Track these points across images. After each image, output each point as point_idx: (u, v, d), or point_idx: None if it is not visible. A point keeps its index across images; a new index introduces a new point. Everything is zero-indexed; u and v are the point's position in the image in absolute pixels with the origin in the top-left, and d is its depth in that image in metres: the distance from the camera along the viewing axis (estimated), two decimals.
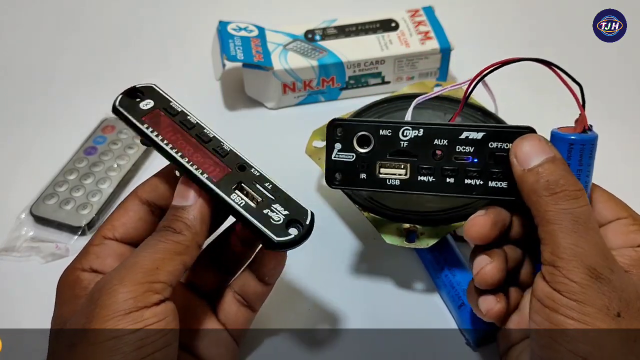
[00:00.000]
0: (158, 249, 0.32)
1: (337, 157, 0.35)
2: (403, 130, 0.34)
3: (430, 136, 0.34)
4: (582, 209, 0.31)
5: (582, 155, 0.34)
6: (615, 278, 0.30)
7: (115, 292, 0.29)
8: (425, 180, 0.34)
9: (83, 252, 0.35)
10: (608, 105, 0.60)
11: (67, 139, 0.56)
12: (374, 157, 0.35)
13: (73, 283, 0.33)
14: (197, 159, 0.34)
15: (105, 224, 0.36)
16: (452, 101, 0.51)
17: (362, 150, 0.35)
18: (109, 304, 0.29)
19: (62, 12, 0.74)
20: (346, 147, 0.35)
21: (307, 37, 0.60)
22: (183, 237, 0.32)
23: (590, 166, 0.34)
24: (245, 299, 0.37)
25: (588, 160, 0.34)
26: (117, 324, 0.29)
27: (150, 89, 0.37)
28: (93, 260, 0.34)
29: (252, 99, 0.60)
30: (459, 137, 0.33)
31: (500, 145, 0.33)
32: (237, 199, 0.33)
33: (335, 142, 0.35)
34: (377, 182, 0.35)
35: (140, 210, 0.36)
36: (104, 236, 0.35)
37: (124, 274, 0.30)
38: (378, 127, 0.34)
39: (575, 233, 0.30)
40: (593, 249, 0.30)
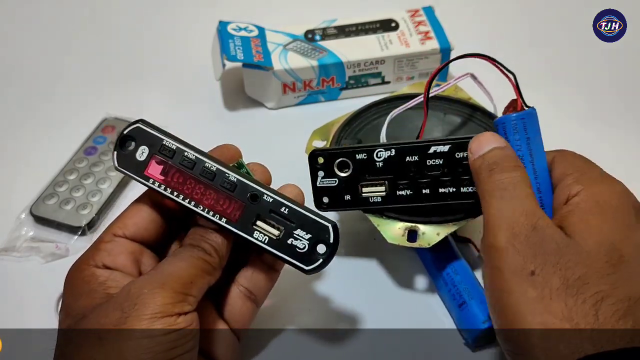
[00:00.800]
0: (193, 264, 0.33)
1: (322, 183, 0.38)
2: (377, 152, 0.36)
3: (401, 154, 0.36)
4: (511, 177, 0.33)
5: (517, 131, 0.37)
6: (534, 234, 0.31)
7: (157, 294, 0.31)
8: (404, 194, 0.37)
9: (93, 248, 0.35)
10: (608, 105, 0.60)
11: (67, 139, 0.56)
12: (355, 179, 0.37)
13: (88, 277, 0.34)
14: (210, 203, 0.34)
15: (117, 222, 0.36)
16: (451, 101, 0.51)
17: (343, 175, 0.37)
18: (148, 304, 0.30)
19: (63, 13, 0.74)
20: (328, 173, 0.38)
21: (307, 37, 0.60)
22: (212, 259, 0.34)
23: (531, 139, 0.37)
24: (251, 290, 0.38)
25: (524, 134, 0.37)
26: (154, 324, 0.30)
27: (139, 130, 0.36)
28: (105, 257, 0.34)
29: (252, 99, 0.60)
30: (428, 151, 0.36)
31: (465, 154, 0.36)
32: (260, 237, 0.34)
33: (318, 171, 0.38)
34: (361, 201, 0.38)
35: (151, 212, 0.36)
36: (114, 234, 0.35)
37: (164, 280, 0.32)
38: (354, 152, 0.37)
39: (502, 199, 0.33)
40: (517, 211, 0.32)
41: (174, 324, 0.30)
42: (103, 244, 0.35)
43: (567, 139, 0.56)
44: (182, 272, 0.32)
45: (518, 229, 0.31)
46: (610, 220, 0.31)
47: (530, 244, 0.30)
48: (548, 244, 0.30)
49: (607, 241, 0.30)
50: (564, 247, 0.30)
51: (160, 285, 0.31)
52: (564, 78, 0.63)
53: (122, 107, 0.59)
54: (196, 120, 0.59)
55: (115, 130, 0.56)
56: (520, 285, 0.30)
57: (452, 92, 0.52)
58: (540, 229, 0.31)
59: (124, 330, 0.30)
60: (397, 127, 0.49)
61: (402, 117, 0.50)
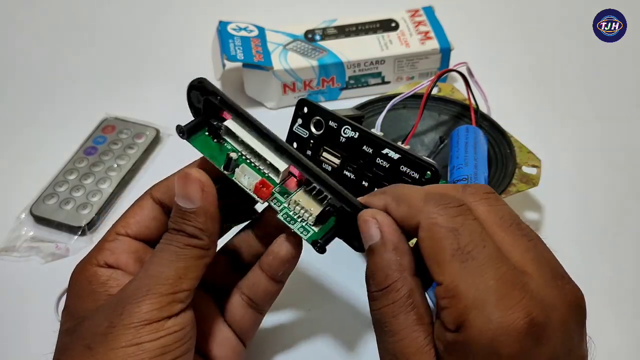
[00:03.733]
0: (180, 256, 0.32)
1: (297, 130, 0.40)
2: (344, 128, 0.37)
3: (361, 141, 0.37)
4: (375, 314, 0.28)
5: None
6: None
7: (141, 302, 0.30)
8: (348, 175, 0.37)
9: (97, 247, 0.35)
10: (608, 104, 0.60)
11: (67, 139, 0.56)
12: (321, 141, 0.39)
13: (90, 277, 0.33)
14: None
15: (120, 221, 0.36)
16: (448, 102, 0.52)
17: (315, 132, 0.39)
18: (133, 313, 0.30)
19: (63, 12, 0.74)
20: (305, 124, 0.39)
21: (307, 37, 0.60)
22: (201, 241, 0.32)
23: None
24: (254, 300, 0.37)
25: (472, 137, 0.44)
26: (139, 332, 0.29)
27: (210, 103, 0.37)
28: (108, 256, 0.34)
29: (252, 99, 0.60)
30: (382, 151, 0.36)
31: (408, 171, 0.36)
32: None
33: (298, 117, 0.39)
34: (316, 162, 0.39)
35: (153, 209, 0.36)
36: (117, 233, 0.35)
37: (149, 284, 0.31)
38: (329, 117, 0.38)
39: (376, 340, 0.29)
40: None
41: (161, 329, 0.30)
42: (106, 243, 0.35)
43: (567, 139, 0.56)
44: (168, 271, 0.31)
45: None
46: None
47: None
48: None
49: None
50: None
51: (145, 292, 0.30)
52: (564, 78, 0.63)
53: (122, 107, 0.59)
54: None
55: (115, 130, 0.56)
56: None
57: (448, 93, 0.53)
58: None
59: (111, 340, 0.29)
60: (393, 123, 0.49)
61: (398, 116, 0.50)
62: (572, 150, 0.55)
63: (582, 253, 0.47)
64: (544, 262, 0.27)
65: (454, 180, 0.42)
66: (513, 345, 0.24)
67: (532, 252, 0.27)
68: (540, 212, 0.49)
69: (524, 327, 0.24)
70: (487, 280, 0.25)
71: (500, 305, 0.24)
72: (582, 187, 0.52)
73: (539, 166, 0.45)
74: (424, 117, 0.50)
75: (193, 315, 0.32)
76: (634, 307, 0.43)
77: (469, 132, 0.45)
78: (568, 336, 0.25)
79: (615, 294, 0.44)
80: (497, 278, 0.25)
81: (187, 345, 0.31)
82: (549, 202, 0.50)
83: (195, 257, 0.32)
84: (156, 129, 0.56)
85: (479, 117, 0.48)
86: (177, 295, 0.31)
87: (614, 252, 0.47)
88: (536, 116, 0.58)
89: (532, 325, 0.24)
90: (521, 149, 0.47)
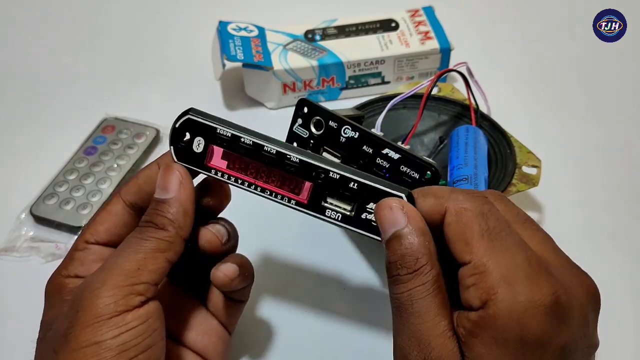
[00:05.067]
0: (140, 248, 0.31)
1: (297, 130, 0.40)
2: (344, 128, 0.38)
3: (361, 141, 0.37)
4: (401, 297, 0.28)
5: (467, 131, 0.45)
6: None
7: (96, 296, 0.29)
8: None
9: (67, 257, 0.34)
10: (608, 104, 0.60)
11: (67, 139, 0.56)
12: (322, 141, 0.39)
13: (59, 288, 0.33)
14: (276, 186, 0.32)
15: (88, 228, 0.34)
16: (448, 102, 0.52)
17: (315, 132, 0.39)
18: (89, 309, 0.29)
19: (63, 12, 0.74)
20: (305, 124, 0.39)
21: (307, 37, 0.60)
22: (166, 232, 0.31)
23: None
24: (228, 295, 0.37)
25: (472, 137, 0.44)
26: (98, 330, 0.28)
27: (190, 122, 0.34)
28: (77, 267, 0.33)
29: (252, 99, 0.60)
30: (382, 151, 0.36)
31: (408, 171, 0.36)
32: (332, 215, 0.32)
33: (298, 117, 0.39)
34: None
35: (124, 214, 0.34)
36: (86, 241, 0.34)
37: (104, 276, 0.30)
38: (329, 117, 0.38)
39: (395, 324, 0.28)
40: (405, 342, 0.28)
41: (121, 324, 0.29)
42: (76, 252, 0.34)
43: (567, 139, 0.56)
44: (124, 262, 0.30)
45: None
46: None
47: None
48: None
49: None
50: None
51: (100, 285, 0.29)
52: (564, 78, 0.63)
53: (122, 107, 0.59)
54: None
55: (115, 130, 0.56)
56: None
57: (448, 93, 0.53)
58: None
59: (72, 341, 0.28)
60: (393, 123, 0.49)
61: (398, 116, 0.50)
62: (572, 150, 0.55)
63: (582, 253, 0.46)
64: (560, 252, 0.28)
65: (454, 180, 0.42)
66: (540, 321, 0.25)
67: (549, 243, 0.28)
68: (540, 212, 0.49)
69: (550, 304, 0.25)
70: (516, 259, 0.26)
71: (529, 282, 0.25)
72: (582, 187, 0.52)
73: (539, 166, 0.45)
74: (424, 117, 0.50)
75: (158, 307, 0.31)
76: (634, 307, 0.43)
77: (469, 132, 0.45)
78: (585, 321, 0.27)
79: (615, 294, 0.44)
80: (525, 258, 0.26)
81: (151, 338, 0.30)
82: (549, 202, 0.50)
83: (156, 249, 0.31)
84: (156, 129, 0.56)
85: (479, 117, 0.48)
86: (134, 287, 0.29)
87: (614, 252, 0.47)
88: (536, 116, 0.58)
89: (557, 303, 0.25)
90: (521, 149, 0.47)
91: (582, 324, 0.26)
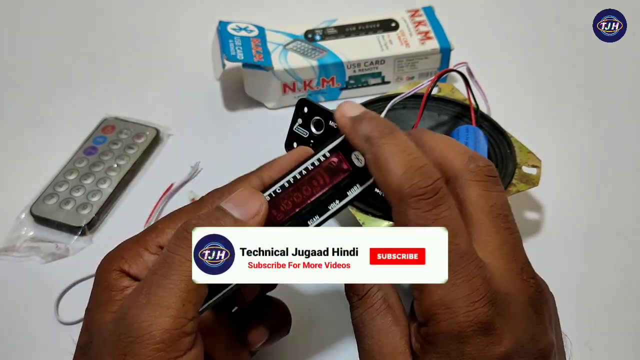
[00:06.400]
0: (184, 273, 0.26)
1: (297, 130, 0.40)
2: None
3: None
4: (355, 322, 0.29)
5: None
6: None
7: (147, 341, 0.26)
8: None
9: (134, 251, 0.30)
10: (608, 104, 0.60)
11: (67, 139, 0.56)
12: (322, 141, 0.38)
13: (113, 282, 0.29)
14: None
15: (168, 230, 0.30)
16: (448, 102, 0.52)
17: (315, 132, 0.39)
18: (140, 354, 0.25)
19: (63, 12, 0.74)
20: (305, 124, 0.39)
21: (307, 37, 0.60)
22: None
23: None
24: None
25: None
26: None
27: None
28: (142, 271, 0.30)
29: (252, 99, 0.60)
30: None
31: None
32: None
33: (298, 117, 0.39)
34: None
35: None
36: (160, 246, 0.30)
37: (153, 316, 0.26)
38: (329, 117, 0.38)
39: (358, 348, 0.29)
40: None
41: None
42: (146, 253, 0.30)
43: (567, 139, 0.56)
44: (171, 298, 0.26)
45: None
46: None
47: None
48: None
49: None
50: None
51: (148, 328, 0.26)
52: (564, 78, 0.63)
53: (122, 107, 0.59)
54: (196, 121, 0.59)
55: (115, 130, 0.56)
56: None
57: (448, 93, 0.53)
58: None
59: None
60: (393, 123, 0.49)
61: (398, 116, 0.50)
62: (572, 150, 0.55)
63: (582, 253, 0.47)
64: (514, 257, 0.28)
65: None
66: (478, 336, 0.25)
67: (507, 246, 0.28)
68: (540, 212, 0.49)
69: (486, 319, 0.25)
70: (454, 279, 0.25)
71: (466, 301, 0.25)
72: (582, 187, 0.52)
73: (539, 166, 0.45)
74: (424, 117, 0.50)
75: (202, 345, 0.28)
76: (634, 307, 0.43)
77: (469, 132, 0.45)
78: (530, 324, 0.27)
79: (615, 294, 0.44)
80: (464, 276, 0.25)
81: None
82: (549, 202, 0.50)
83: None
84: (156, 129, 0.56)
85: (479, 117, 0.48)
86: (183, 329, 0.26)
87: (614, 252, 0.47)
88: (536, 116, 0.58)
89: (494, 316, 0.25)
90: (521, 149, 0.47)
91: (527, 327, 0.26)
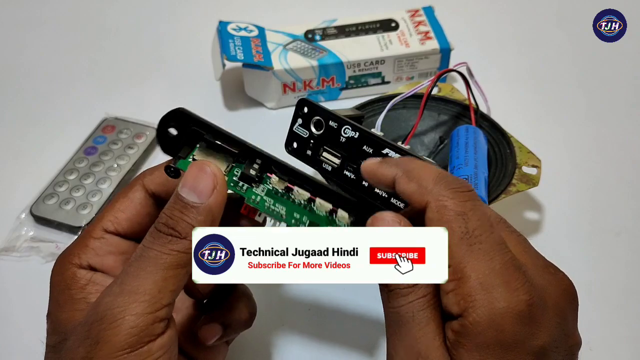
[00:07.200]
0: (160, 263, 0.27)
1: (297, 130, 0.40)
2: (344, 128, 0.37)
3: (362, 141, 0.37)
4: (401, 310, 0.27)
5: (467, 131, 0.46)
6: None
7: (118, 327, 0.26)
8: (348, 175, 0.38)
9: (80, 243, 0.31)
10: (608, 104, 0.60)
11: (67, 139, 0.56)
12: (322, 140, 0.39)
13: (69, 281, 0.30)
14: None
15: (107, 215, 0.31)
16: (448, 102, 0.52)
17: (315, 132, 0.39)
18: (111, 341, 0.26)
19: (63, 11, 0.74)
20: (305, 124, 0.39)
21: (307, 37, 0.60)
22: (190, 243, 0.27)
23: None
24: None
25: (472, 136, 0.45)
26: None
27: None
28: (92, 257, 0.30)
29: (252, 99, 0.60)
30: (382, 151, 0.36)
31: None
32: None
33: (299, 117, 0.39)
34: (316, 162, 0.39)
35: (147, 204, 0.31)
36: (105, 229, 0.31)
37: (124, 302, 0.26)
38: (329, 117, 0.38)
39: (392, 339, 0.28)
40: (402, 357, 0.27)
41: (147, 356, 0.26)
42: (92, 240, 0.31)
43: (567, 139, 0.56)
44: (146, 284, 0.27)
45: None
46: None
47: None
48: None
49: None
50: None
51: (122, 312, 0.26)
52: (564, 78, 0.63)
53: (122, 107, 0.59)
54: None
55: (115, 130, 0.56)
56: None
57: (448, 93, 0.53)
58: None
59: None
60: (393, 123, 0.49)
61: (398, 116, 0.50)
62: (572, 150, 0.55)
63: (582, 253, 0.47)
64: (534, 254, 0.28)
65: None
66: (517, 325, 0.25)
67: (523, 245, 0.28)
68: (540, 212, 0.49)
69: (527, 308, 0.25)
70: (494, 264, 0.25)
71: (506, 288, 0.25)
72: (582, 187, 0.52)
73: (539, 166, 0.45)
74: (424, 117, 0.50)
75: (175, 329, 0.28)
76: (634, 307, 0.43)
77: (469, 132, 0.45)
78: (563, 319, 0.27)
79: (615, 294, 0.44)
80: (503, 263, 0.26)
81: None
82: (549, 202, 0.50)
83: (178, 265, 0.27)
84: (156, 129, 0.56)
85: (479, 117, 0.48)
86: (157, 313, 0.27)
87: (614, 252, 0.47)
88: (536, 116, 0.58)
89: (533, 307, 0.25)
90: (521, 149, 0.47)
91: (561, 322, 0.26)
